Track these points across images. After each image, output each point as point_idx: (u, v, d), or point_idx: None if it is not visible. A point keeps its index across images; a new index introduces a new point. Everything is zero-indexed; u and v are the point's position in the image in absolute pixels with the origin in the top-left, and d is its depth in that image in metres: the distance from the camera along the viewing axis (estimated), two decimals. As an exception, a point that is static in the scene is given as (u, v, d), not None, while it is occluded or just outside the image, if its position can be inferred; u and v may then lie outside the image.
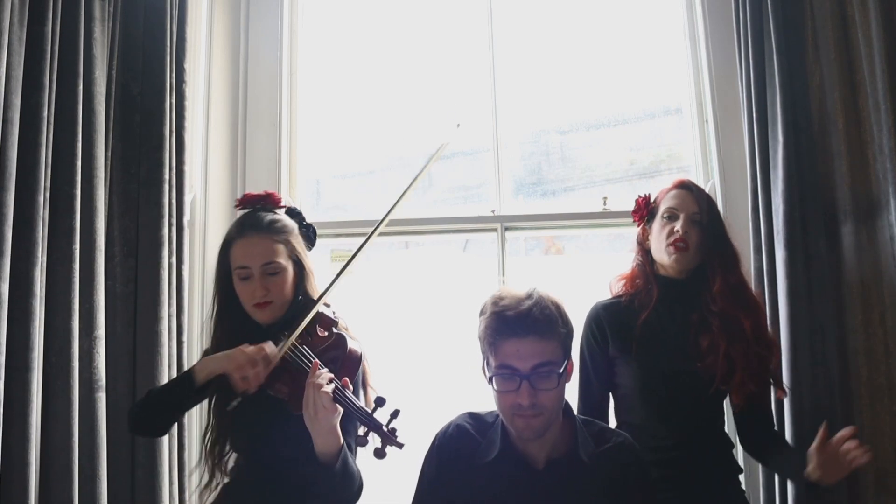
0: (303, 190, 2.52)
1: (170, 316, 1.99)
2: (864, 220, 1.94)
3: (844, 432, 1.51)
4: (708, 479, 1.65)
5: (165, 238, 1.99)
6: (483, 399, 1.42)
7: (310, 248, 1.71)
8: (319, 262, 2.45)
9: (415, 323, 2.49)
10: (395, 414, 1.41)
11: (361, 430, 1.45)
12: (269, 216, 1.63)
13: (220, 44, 2.47)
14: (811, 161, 2.03)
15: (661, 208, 1.77)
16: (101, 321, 1.85)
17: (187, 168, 2.11)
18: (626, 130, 2.57)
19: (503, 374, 1.31)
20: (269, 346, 1.47)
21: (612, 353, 1.75)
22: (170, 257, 2.00)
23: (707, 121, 2.37)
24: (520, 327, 1.29)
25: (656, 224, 1.77)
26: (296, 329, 1.51)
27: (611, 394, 1.79)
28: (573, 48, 2.58)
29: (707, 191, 1.75)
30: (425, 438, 1.49)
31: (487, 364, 1.36)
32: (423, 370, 2.42)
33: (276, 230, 1.60)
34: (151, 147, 2.02)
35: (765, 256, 2.02)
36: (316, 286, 1.66)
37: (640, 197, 1.86)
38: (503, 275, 2.32)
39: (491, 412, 1.44)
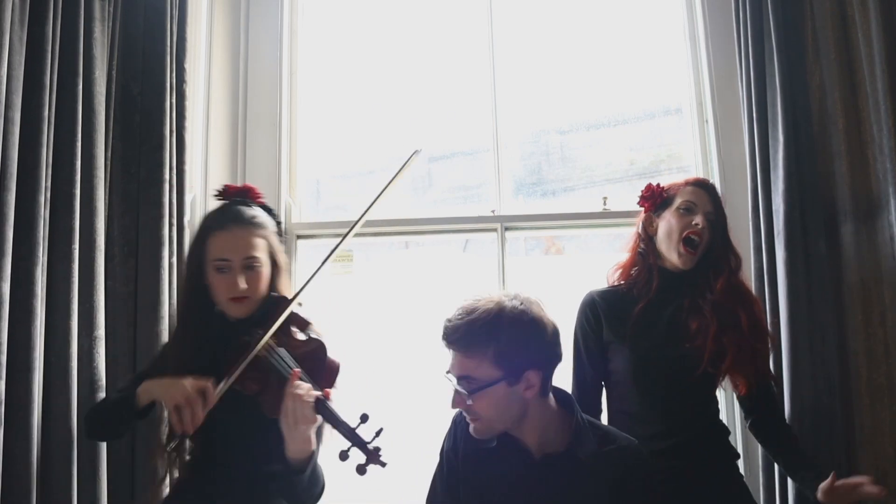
0: (303, 190, 2.52)
1: (170, 316, 1.98)
2: (864, 220, 1.94)
3: (858, 480, 1.57)
4: (704, 464, 1.66)
5: (166, 238, 1.99)
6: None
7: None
8: (318, 262, 2.45)
9: (415, 323, 2.49)
10: (378, 432, 1.39)
11: (344, 445, 1.41)
12: (251, 210, 1.62)
13: (220, 44, 2.47)
14: (811, 161, 2.03)
15: (678, 200, 1.76)
16: (101, 321, 1.84)
17: (187, 168, 2.11)
18: (626, 130, 2.57)
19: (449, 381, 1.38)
20: (211, 385, 1.43)
21: (607, 338, 1.76)
22: (170, 257, 2.00)
23: (707, 121, 2.37)
24: (446, 340, 1.36)
25: (670, 214, 1.76)
26: (270, 328, 1.49)
27: (604, 383, 1.80)
28: (573, 48, 2.58)
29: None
30: (425, 437, 1.49)
31: None
32: (423, 369, 2.42)
33: (257, 225, 1.60)
34: (151, 147, 2.02)
35: (765, 256, 2.02)
36: (288, 285, 1.66)
37: (652, 184, 1.84)
38: (503, 274, 2.32)
39: None
